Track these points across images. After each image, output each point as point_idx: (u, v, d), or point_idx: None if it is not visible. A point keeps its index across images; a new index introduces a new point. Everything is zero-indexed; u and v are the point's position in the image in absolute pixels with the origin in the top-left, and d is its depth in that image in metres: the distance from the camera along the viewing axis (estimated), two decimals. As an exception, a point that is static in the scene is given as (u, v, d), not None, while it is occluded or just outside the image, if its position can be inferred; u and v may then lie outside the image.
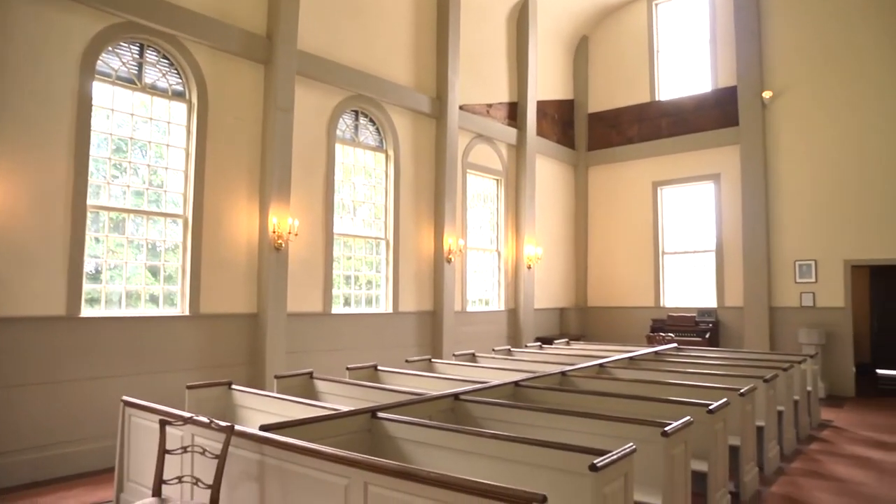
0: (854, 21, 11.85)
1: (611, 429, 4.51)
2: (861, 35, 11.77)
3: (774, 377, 7.00)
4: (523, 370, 7.20)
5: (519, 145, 13.33)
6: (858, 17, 11.77)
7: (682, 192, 14.06)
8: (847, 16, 11.89)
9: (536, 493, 2.76)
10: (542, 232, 13.87)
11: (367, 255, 10.42)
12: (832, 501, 5.80)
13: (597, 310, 14.89)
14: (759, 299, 12.37)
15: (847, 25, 11.93)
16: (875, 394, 11.96)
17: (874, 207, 11.52)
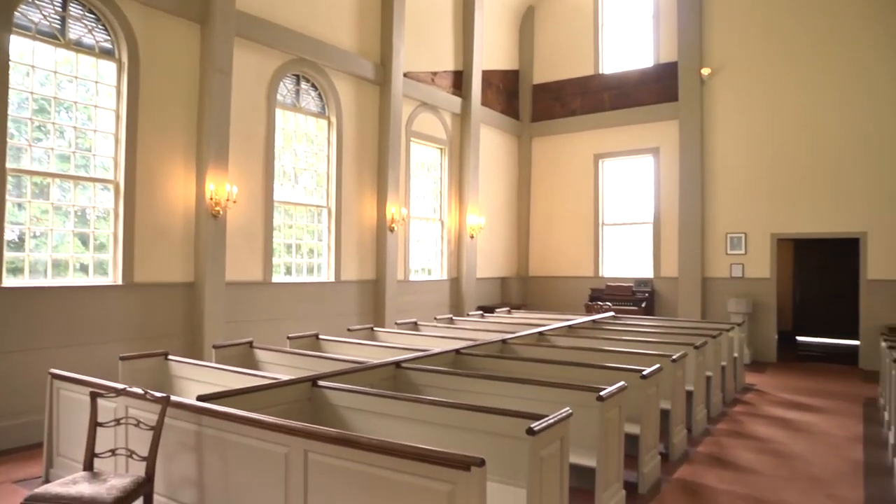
0: (791, 3, 12.23)
1: (548, 394, 4.64)
2: (797, 17, 12.17)
3: (704, 344, 7.32)
4: (465, 338, 7.29)
5: (463, 115, 13.29)
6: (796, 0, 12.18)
7: (623, 165, 14.36)
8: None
9: (475, 456, 2.83)
10: (485, 202, 13.95)
11: (308, 223, 10.27)
12: (751, 458, 6.15)
13: (538, 279, 15.16)
14: (693, 270, 12.85)
15: (784, 7, 12.30)
16: (795, 359, 12.67)
17: (800, 184, 12.06)
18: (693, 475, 5.64)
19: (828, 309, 14.93)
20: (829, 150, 11.83)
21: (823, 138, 11.88)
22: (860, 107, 11.57)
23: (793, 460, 6.15)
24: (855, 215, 11.60)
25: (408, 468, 3.01)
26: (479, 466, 2.81)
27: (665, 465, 5.80)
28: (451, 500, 2.88)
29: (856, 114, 11.61)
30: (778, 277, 12.58)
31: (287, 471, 3.43)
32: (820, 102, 11.92)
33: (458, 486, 2.86)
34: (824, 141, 11.87)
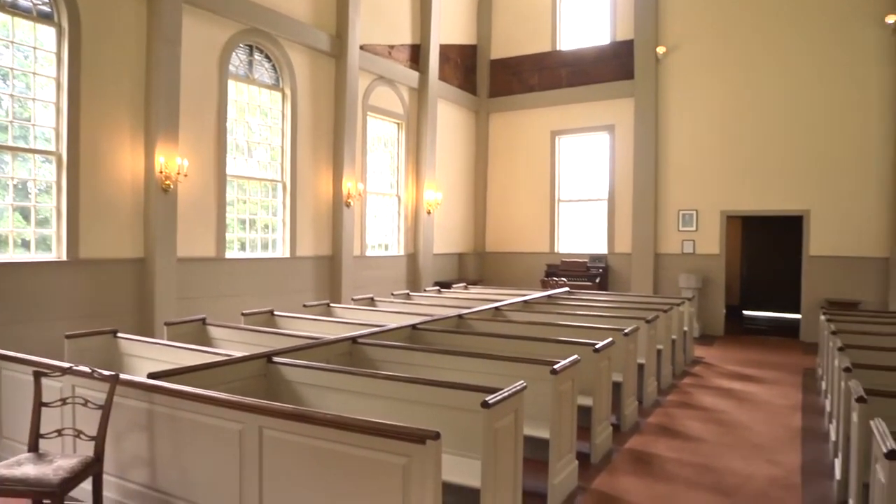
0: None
1: (503, 368, 4.70)
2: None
3: (655, 318, 7.51)
4: (421, 314, 7.31)
5: (421, 89, 13.17)
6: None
7: (579, 142, 14.48)
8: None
9: (430, 430, 2.85)
10: (442, 177, 13.91)
11: (263, 198, 10.08)
12: (698, 428, 6.37)
13: (494, 255, 15.27)
14: (646, 246, 13.13)
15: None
16: (741, 332, 13.13)
17: (749, 163, 12.38)
18: (643, 445, 5.81)
19: (773, 284, 15.45)
20: (776, 131, 12.15)
21: (771, 119, 12.19)
22: (807, 89, 11.89)
23: (737, 428, 6.39)
24: (799, 194, 11.99)
25: (363, 443, 3.02)
26: (435, 439, 2.83)
27: (617, 436, 5.96)
28: (407, 473, 2.91)
29: (802, 96, 11.93)
30: (727, 253, 12.96)
31: (242, 448, 3.40)
32: (769, 84, 12.20)
33: (414, 460, 2.89)
34: (772, 121, 12.18)
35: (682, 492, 4.73)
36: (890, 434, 2.87)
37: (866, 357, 5.24)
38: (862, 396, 3.67)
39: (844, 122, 11.62)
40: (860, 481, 3.60)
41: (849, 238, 11.60)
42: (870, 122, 11.44)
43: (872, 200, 11.42)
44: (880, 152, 11.35)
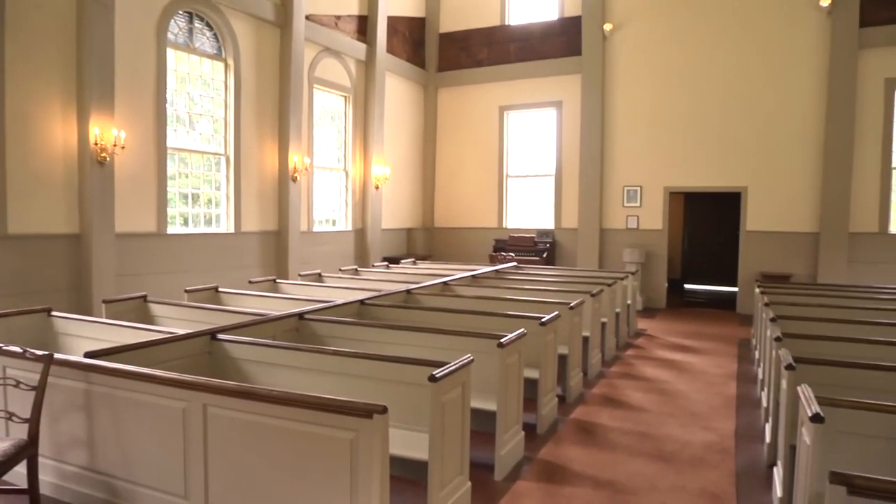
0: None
1: (451, 342, 4.73)
2: (691, -26, 12.58)
3: (600, 292, 7.68)
4: (369, 289, 7.28)
5: (368, 62, 12.96)
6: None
7: (527, 118, 14.55)
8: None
9: (377, 404, 2.86)
10: (390, 152, 13.79)
11: (206, 172, 9.80)
12: (640, 397, 6.59)
13: (443, 230, 15.29)
14: (592, 221, 13.37)
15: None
16: (682, 305, 13.57)
17: (691, 140, 12.69)
18: (588, 415, 5.97)
19: (713, 258, 15.98)
20: (717, 110, 12.47)
21: (712, 98, 12.49)
22: (745, 70, 12.22)
23: (676, 397, 6.64)
24: (738, 171, 12.38)
25: (310, 418, 3.00)
26: (382, 414, 2.84)
27: (562, 407, 6.11)
28: (355, 448, 2.92)
29: (741, 76, 12.25)
30: (669, 229, 13.32)
31: (185, 426, 3.34)
32: (710, 63, 12.48)
33: (362, 434, 2.89)
34: (713, 100, 12.49)
35: (623, 459, 4.90)
36: (815, 399, 3.03)
37: (796, 327, 5.49)
38: (791, 364, 3.85)
39: (780, 102, 12.01)
40: (788, 444, 3.79)
41: (782, 214, 12.08)
42: (803, 102, 11.85)
43: (804, 178, 11.89)
44: (812, 132, 11.80)
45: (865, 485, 2.14)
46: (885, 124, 11.45)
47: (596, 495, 4.24)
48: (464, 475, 3.85)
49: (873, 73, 11.45)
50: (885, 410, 3.06)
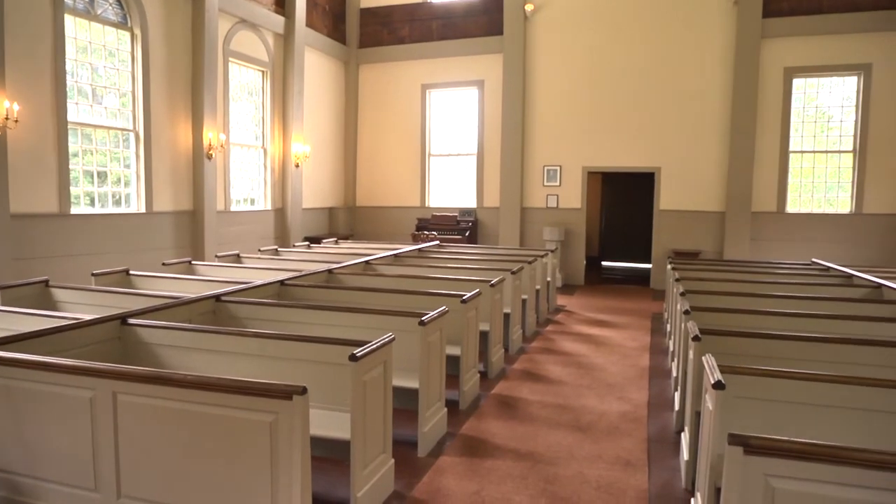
0: (603, -57, 12.87)
1: (373, 321, 4.72)
2: (608, -42, 12.85)
3: (520, 270, 7.83)
4: (290, 269, 7.14)
5: (287, 35, 12.57)
6: (606, -59, 12.81)
7: (449, 96, 14.54)
8: (597, -63, 12.87)
9: (296, 385, 2.82)
10: (310, 129, 13.49)
11: (114, 148, 9.28)
12: (559, 371, 6.80)
13: (366, 209, 15.16)
14: (513, 200, 13.58)
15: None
16: (600, 282, 14.05)
17: (608, 121, 13.06)
18: (509, 390, 6.12)
19: (628, 236, 16.60)
20: (632, 92, 12.87)
21: (628, 81, 12.87)
22: (658, 54, 12.65)
23: (593, 370, 6.89)
24: (652, 152, 12.86)
25: (228, 402, 2.93)
26: (302, 394, 2.81)
27: (484, 383, 6.22)
28: (275, 430, 2.87)
29: (654, 60, 12.68)
30: (587, 208, 13.71)
31: (94, 416, 3.18)
32: (626, 47, 12.84)
33: (281, 416, 2.85)
34: (628, 83, 12.87)
35: (543, 431, 5.06)
36: (717, 367, 3.22)
37: (703, 301, 5.79)
38: (697, 336, 4.07)
39: (691, 87, 12.53)
40: (694, 410, 4.01)
41: (692, 194, 12.66)
42: (712, 88, 12.41)
43: (712, 161, 12.50)
44: (720, 117, 12.39)
45: (759, 444, 2.29)
46: (783, 111, 12.17)
47: (517, 466, 4.36)
48: (387, 453, 3.87)
49: (774, 62, 12.11)
50: (779, 376, 3.28)
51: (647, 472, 4.33)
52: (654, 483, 4.18)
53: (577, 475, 4.26)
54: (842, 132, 12.18)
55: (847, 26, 11.66)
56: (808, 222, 12.21)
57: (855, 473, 2.23)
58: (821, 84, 12.26)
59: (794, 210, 12.37)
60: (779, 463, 2.29)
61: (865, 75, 11.74)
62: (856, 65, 11.80)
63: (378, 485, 3.71)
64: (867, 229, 11.87)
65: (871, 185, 11.85)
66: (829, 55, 11.88)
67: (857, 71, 11.84)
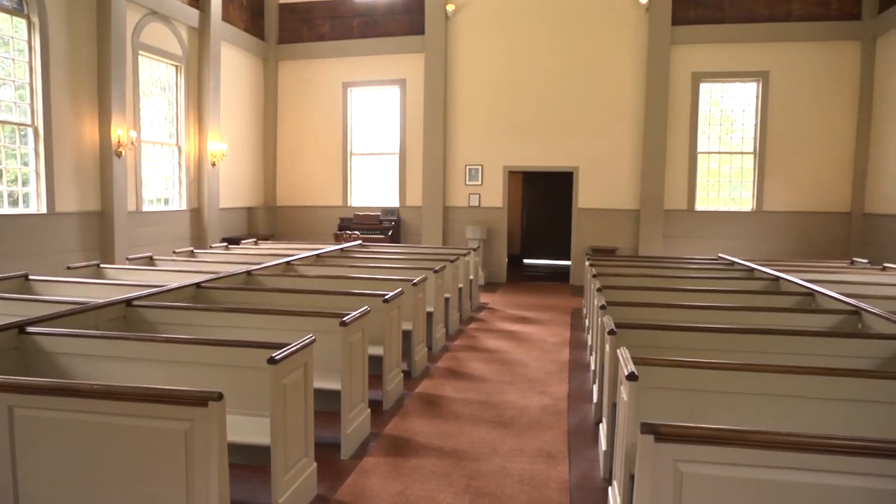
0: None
1: (294, 323, 4.63)
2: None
3: (443, 268, 7.88)
4: (206, 271, 6.89)
5: (202, 29, 12.14)
6: (525, -56, 13.07)
7: (371, 95, 14.45)
8: (516, -59, 13.10)
9: (212, 391, 2.73)
10: (227, 127, 13.08)
11: (9, 144, 8.69)
12: (482, 368, 6.89)
13: (286, 209, 14.85)
14: (435, 199, 13.64)
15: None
16: (521, 279, 14.32)
17: (528, 122, 13.33)
18: (432, 388, 6.14)
19: (549, 234, 17.00)
20: (552, 94, 13.19)
21: (547, 82, 13.18)
22: (575, 57, 13.02)
23: (515, 366, 7.02)
24: (570, 152, 13.23)
25: (139, 411, 2.80)
26: (218, 400, 2.72)
27: (408, 382, 6.22)
28: (190, 438, 2.77)
29: (572, 63, 13.05)
30: (509, 206, 13.96)
31: (-14, 432, 2.97)
32: (544, 50, 13.15)
33: (196, 423, 2.75)
34: (547, 85, 13.18)
35: (467, 427, 5.10)
36: (631, 359, 3.34)
37: (619, 296, 6.01)
38: (612, 329, 4.22)
39: (606, 89, 12.97)
40: (610, 402, 4.16)
41: (609, 193, 13.11)
42: (626, 91, 12.89)
43: (627, 161, 12.99)
44: (634, 119, 12.89)
45: (669, 431, 2.40)
46: (691, 114, 12.80)
47: (441, 464, 4.38)
48: (309, 457, 3.81)
49: (683, 67, 12.71)
50: (689, 366, 3.44)
51: (567, 464, 4.45)
52: (575, 474, 4.30)
53: (500, 470, 4.32)
54: (744, 134, 12.93)
55: (747, 36, 12.39)
56: (714, 219, 12.89)
57: (755, 455, 2.37)
58: (725, 89, 12.97)
59: (702, 208, 13.03)
60: (686, 448, 2.40)
61: (764, 82, 12.51)
62: (755, 72, 12.56)
63: (300, 489, 3.65)
64: (767, 226, 12.66)
65: (770, 184, 12.64)
66: (732, 62, 12.59)
67: (756, 77, 12.61)
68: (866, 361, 4.11)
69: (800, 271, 7.71)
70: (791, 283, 6.68)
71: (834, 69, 12.29)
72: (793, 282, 6.68)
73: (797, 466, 2.36)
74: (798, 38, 12.28)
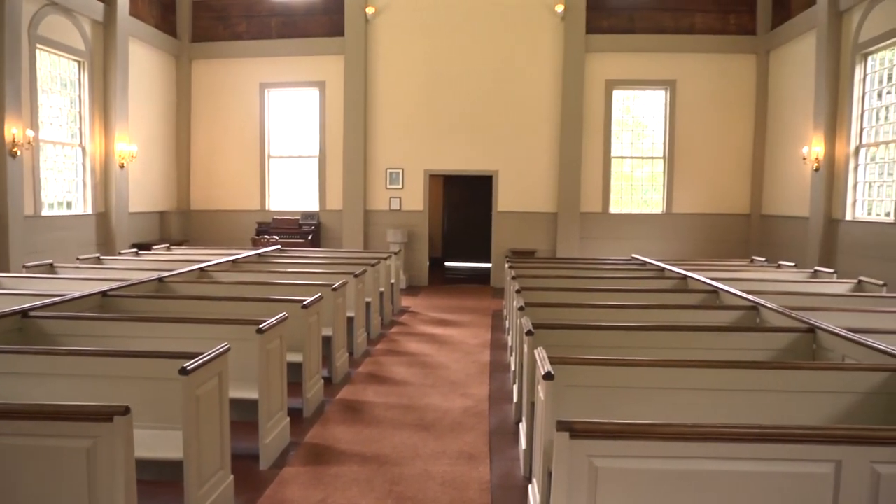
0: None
1: (208, 332, 4.47)
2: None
3: (363, 272, 7.82)
4: (114, 279, 6.56)
5: (107, 23, 11.52)
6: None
7: (290, 96, 14.18)
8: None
9: (117, 405, 2.59)
10: (137, 127, 12.48)
11: None
12: (404, 372, 6.88)
13: (201, 213, 14.32)
14: (356, 203, 13.53)
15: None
16: (443, 282, 14.41)
17: (448, 125, 13.44)
18: (354, 394, 6.08)
19: (470, 237, 17.17)
20: (471, 98, 13.34)
21: (466, 87, 13.33)
22: (494, 62, 13.23)
23: (437, 369, 7.05)
24: (490, 156, 13.43)
25: (36, 430, 2.63)
26: (124, 415, 2.59)
27: (328, 388, 6.13)
28: (93, 456, 2.62)
29: (491, 68, 13.24)
30: (430, 210, 14.01)
31: None
32: (464, 54, 13.29)
33: (101, 440, 2.61)
34: (467, 89, 13.33)
35: (388, 432, 5.08)
36: (548, 359, 3.43)
37: (537, 297, 6.14)
38: (530, 330, 4.31)
39: (525, 94, 13.26)
40: (529, 401, 4.24)
41: (528, 196, 13.40)
42: (544, 96, 13.22)
43: (545, 164, 13.32)
44: (550, 123, 13.23)
45: (583, 428, 2.48)
46: (605, 119, 13.28)
47: (362, 470, 4.35)
48: (225, 469, 3.69)
49: (597, 74, 13.16)
50: (603, 364, 3.57)
51: (488, 464, 4.50)
52: (496, 474, 4.36)
53: (423, 473, 4.33)
54: (654, 140, 13.52)
55: (655, 46, 12.98)
56: (628, 221, 13.42)
57: (663, 446, 2.48)
58: (636, 96, 13.53)
59: (616, 210, 13.53)
60: (600, 444, 2.48)
61: (671, 90, 13.13)
62: (663, 80, 13.16)
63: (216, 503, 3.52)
64: (676, 227, 13.28)
65: (679, 188, 13.28)
66: (642, 70, 13.14)
67: (664, 86, 13.21)
68: (764, 353, 4.38)
69: (706, 270, 8.13)
70: (697, 282, 7.04)
71: (733, 80, 13.06)
72: (699, 280, 7.04)
73: (702, 455, 2.49)
74: (701, 49, 12.97)
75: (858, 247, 9.80)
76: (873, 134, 9.89)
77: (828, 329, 4.30)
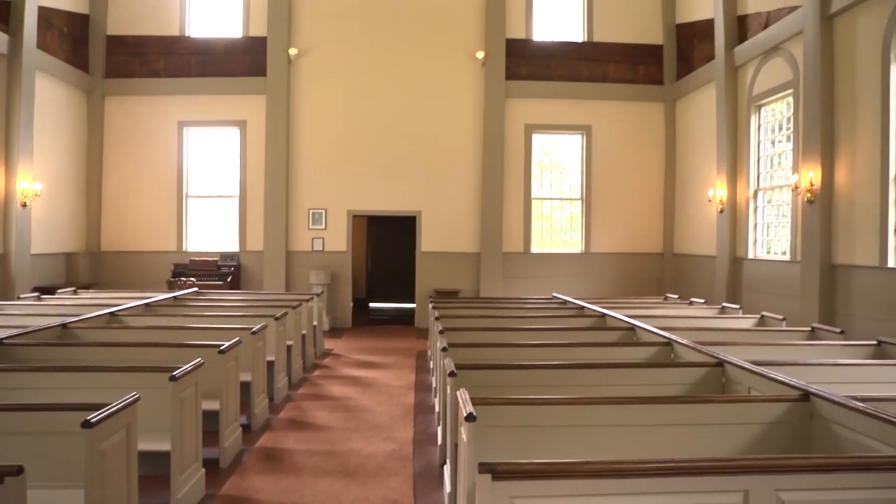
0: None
1: (117, 380, 4.24)
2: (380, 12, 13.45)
3: (285, 315, 7.64)
4: (12, 325, 6.12)
5: (12, 56, 10.98)
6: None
7: (209, 135, 13.89)
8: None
9: (9, 465, 2.40)
10: (43, 164, 11.84)
11: None
12: (327, 417, 6.72)
13: (113, 255, 13.66)
14: (278, 244, 13.28)
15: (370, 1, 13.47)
16: (367, 323, 14.26)
17: (372, 166, 13.50)
18: (274, 441, 5.87)
19: (394, 277, 17.11)
20: (393, 140, 13.48)
21: (390, 129, 13.48)
22: (419, 106, 13.49)
23: (361, 412, 6.92)
24: (413, 197, 13.55)
25: (-87, 495, 2.40)
26: (17, 475, 2.40)
27: (247, 436, 5.90)
28: (-20, 522, 2.41)
29: (415, 111, 13.49)
30: (353, 250, 13.93)
31: None
32: (388, 98, 13.47)
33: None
34: (390, 131, 13.48)
35: (309, 480, 4.92)
36: (470, 400, 3.43)
37: (460, 337, 6.16)
38: (453, 371, 4.31)
39: (447, 137, 13.54)
40: (453, 443, 4.22)
41: (451, 236, 13.56)
42: (466, 139, 13.54)
43: (467, 205, 13.56)
44: (472, 165, 13.54)
45: (505, 469, 2.48)
46: (525, 162, 13.70)
47: (281, 522, 4.18)
48: (132, 528, 3.46)
49: (517, 119, 13.62)
50: (523, 403, 3.60)
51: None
52: (420, 519, 4.29)
53: (345, 522, 4.20)
54: (572, 182, 14.03)
55: (572, 93, 13.59)
56: (549, 261, 13.77)
57: (582, 484, 2.51)
58: (555, 140, 14.06)
59: (537, 250, 13.87)
60: (521, 485, 2.49)
61: (587, 135, 13.73)
62: (580, 125, 13.76)
63: (120, 566, 3.29)
64: (595, 266, 13.73)
65: (596, 228, 13.78)
66: (560, 115, 13.71)
67: (581, 130, 13.81)
68: (677, 388, 4.55)
69: (623, 308, 8.41)
70: (615, 319, 7.27)
71: (645, 126, 13.81)
72: (617, 318, 7.27)
73: (621, 492, 2.54)
74: (614, 97, 13.68)
75: (760, 283, 10.43)
76: (769, 178, 10.66)
77: (735, 363, 4.52)
